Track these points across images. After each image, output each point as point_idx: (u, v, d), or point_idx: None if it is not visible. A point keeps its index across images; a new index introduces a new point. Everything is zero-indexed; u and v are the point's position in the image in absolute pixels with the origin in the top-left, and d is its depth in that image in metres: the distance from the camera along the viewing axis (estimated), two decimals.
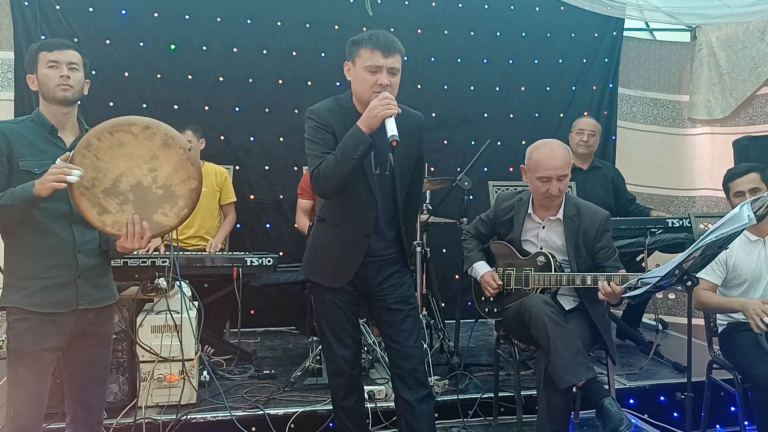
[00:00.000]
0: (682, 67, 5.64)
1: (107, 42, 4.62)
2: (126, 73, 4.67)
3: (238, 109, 4.86)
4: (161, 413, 3.01)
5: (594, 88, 5.43)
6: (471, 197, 4.21)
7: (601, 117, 5.28)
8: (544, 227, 2.97)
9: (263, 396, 3.28)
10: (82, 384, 2.30)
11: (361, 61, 2.32)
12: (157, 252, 3.58)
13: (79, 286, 2.20)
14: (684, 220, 4.03)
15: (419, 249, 3.70)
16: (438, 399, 3.17)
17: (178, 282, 3.06)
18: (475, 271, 3.08)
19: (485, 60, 5.28)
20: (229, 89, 4.85)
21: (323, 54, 4.95)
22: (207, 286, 3.97)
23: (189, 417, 3.01)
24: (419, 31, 5.13)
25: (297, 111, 4.88)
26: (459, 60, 5.23)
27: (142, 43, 4.70)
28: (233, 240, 4.60)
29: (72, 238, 2.19)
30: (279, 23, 4.91)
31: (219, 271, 3.62)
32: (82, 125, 2.32)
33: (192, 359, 3.14)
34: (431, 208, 3.95)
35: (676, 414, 3.43)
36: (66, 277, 2.18)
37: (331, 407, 2.63)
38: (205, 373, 3.40)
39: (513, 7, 5.30)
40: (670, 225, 4.01)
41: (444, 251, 5.10)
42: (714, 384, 3.07)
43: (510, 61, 5.32)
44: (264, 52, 4.89)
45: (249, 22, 4.86)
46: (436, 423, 2.59)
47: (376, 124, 2.24)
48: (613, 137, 5.44)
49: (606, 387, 2.79)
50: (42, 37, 4.34)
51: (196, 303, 3.32)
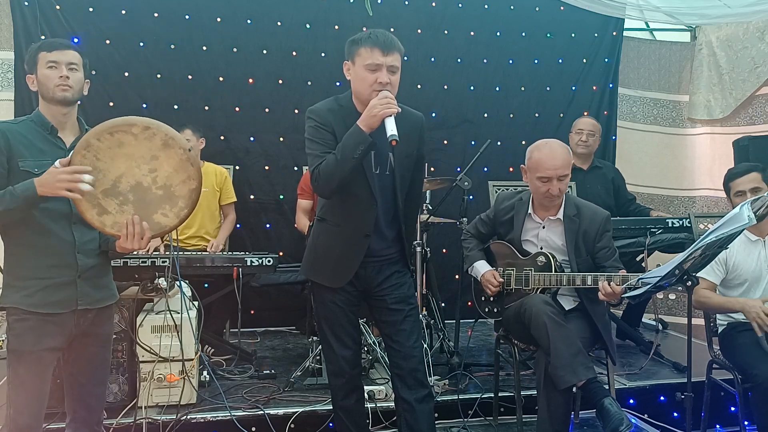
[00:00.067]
0: (682, 67, 5.63)
1: (107, 42, 4.62)
2: (126, 73, 4.67)
3: (238, 109, 4.86)
4: (161, 413, 3.01)
5: (594, 88, 5.43)
6: (471, 197, 4.21)
7: (601, 117, 5.28)
8: (544, 227, 2.97)
9: (263, 396, 3.28)
10: (82, 384, 2.30)
11: (361, 60, 2.32)
12: (157, 252, 3.58)
13: (79, 286, 2.20)
14: (684, 220, 4.03)
15: (419, 249, 3.69)
16: (438, 399, 3.17)
17: (178, 282, 3.07)
18: (476, 271, 3.08)
19: (485, 60, 5.28)
20: (229, 89, 4.85)
21: (323, 54, 4.95)
22: (207, 286, 3.98)
23: (189, 417, 3.01)
24: (419, 31, 5.14)
25: (297, 111, 4.88)
26: (459, 60, 5.23)
27: (142, 43, 4.70)
28: (233, 240, 4.59)
29: (72, 238, 2.19)
30: (279, 23, 4.91)
31: (219, 271, 3.62)
32: (82, 125, 2.31)
33: (192, 359, 3.14)
34: (431, 208, 3.95)
35: (676, 414, 3.42)
36: (66, 278, 2.18)
37: (331, 407, 2.64)
38: (205, 373, 3.40)
39: (513, 7, 5.30)
40: (670, 225, 4.01)
41: (444, 251, 5.09)
42: (714, 384, 3.07)
43: (510, 61, 5.32)
44: (264, 52, 4.90)
45: (249, 22, 4.86)
46: (436, 423, 2.59)
47: (375, 123, 2.24)
48: (613, 137, 5.43)
49: (606, 387, 2.79)
50: (42, 37, 4.34)
51: (196, 303, 3.32)
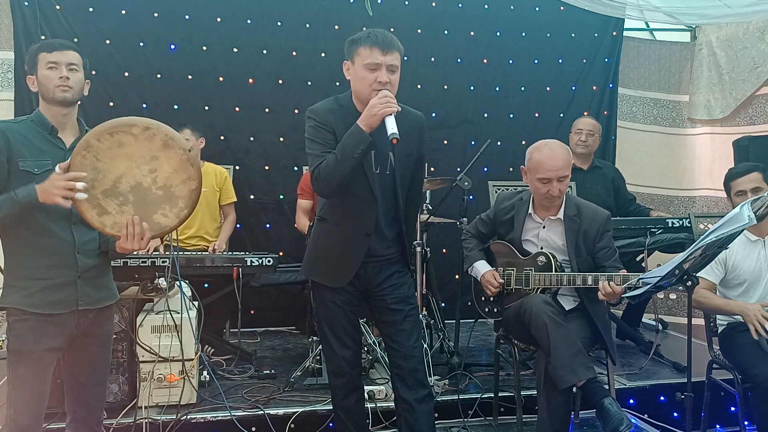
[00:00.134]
0: (682, 67, 5.63)
1: (107, 42, 4.62)
2: (126, 73, 4.67)
3: (238, 109, 4.86)
4: (161, 413, 3.00)
5: (594, 88, 5.43)
6: (471, 197, 4.22)
7: (601, 117, 5.28)
8: (544, 227, 2.97)
9: (263, 396, 3.28)
10: (82, 384, 2.30)
11: (360, 60, 2.32)
12: (157, 252, 3.58)
13: (79, 286, 2.20)
14: (684, 220, 4.03)
15: (419, 249, 3.69)
16: (438, 399, 3.17)
17: (178, 282, 3.07)
18: (476, 271, 3.08)
19: (485, 60, 5.28)
20: (229, 89, 4.85)
21: (323, 54, 4.95)
22: (207, 286, 3.98)
23: (189, 417, 3.01)
24: (419, 31, 5.13)
25: (297, 111, 4.88)
26: (459, 60, 5.23)
27: (142, 43, 4.70)
28: (233, 240, 4.59)
29: (72, 238, 2.19)
30: (279, 23, 4.91)
31: (219, 271, 3.62)
32: (81, 126, 2.31)
33: (192, 359, 3.14)
34: (431, 208, 3.95)
35: (676, 414, 3.42)
36: (66, 278, 2.18)
37: (331, 407, 2.64)
38: (205, 373, 3.40)
39: (513, 7, 5.30)
40: (670, 225, 4.01)
41: (444, 251, 5.09)
42: (714, 384, 3.07)
43: (510, 61, 5.32)
44: (264, 52, 4.90)
45: (249, 22, 4.86)
46: (436, 423, 2.59)
47: (375, 122, 2.24)
48: (613, 137, 5.43)
49: (606, 387, 2.79)
50: (42, 37, 4.35)
51: (196, 303, 3.32)
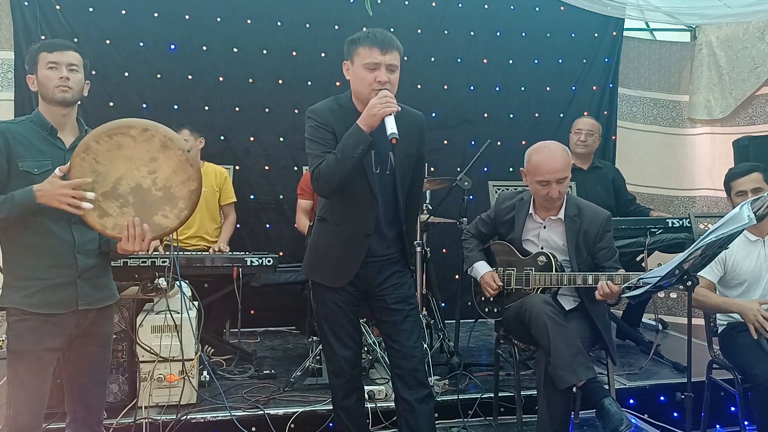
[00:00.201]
0: (682, 67, 5.63)
1: (107, 42, 4.62)
2: (126, 73, 4.67)
3: (238, 109, 4.86)
4: (161, 413, 3.00)
5: (594, 88, 5.42)
6: (471, 197, 4.21)
7: (601, 117, 5.28)
8: (545, 227, 2.96)
9: (263, 396, 3.28)
10: (82, 384, 2.30)
11: (360, 59, 2.32)
12: (157, 252, 3.58)
13: (79, 286, 2.20)
14: (684, 220, 4.03)
15: (419, 249, 3.69)
16: (438, 399, 3.17)
17: (178, 282, 3.07)
18: (476, 271, 3.08)
19: (485, 60, 5.27)
20: (229, 89, 4.85)
21: (323, 54, 4.95)
22: (207, 286, 3.98)
23: (189, 417, 3.01)
24: (419, 31, 5.13)
25: (297, 111, 4.88)
26: (459, 60, 5.23)
27: (142, 43, 4.70)
28: (233, 240, 4.58)
29: (72, 238, 2.19)
30: (279, 23, 4.91)
31: (219, 271, 3.62)
32: (81, 126, 2.32)
33: (192, 359, 3.14)
34: (431, 208, 3.95)
35: (676, 414, 3.42)
36: (66, 278, 2.18)
37: (331, 407, 2.64)
38: (205, 373, 3.40)
39: (513, 7, 5.30)
40: (670, 225, 4.01)
41: (444, 251, 5.09)
42: (714, 384, 3.07)
43: (510, 61, 5.32)
44: (264, 52, 4.89)
45: (249, 22, 4.86)
46: (436, 423, 2.59)
47: (375, 122, 2.24)
48: (613, 137, 5.43)
49: (606, 387, 2.79)
50: (42, 37, 4.34)
51: (196, 303, 3.32)
